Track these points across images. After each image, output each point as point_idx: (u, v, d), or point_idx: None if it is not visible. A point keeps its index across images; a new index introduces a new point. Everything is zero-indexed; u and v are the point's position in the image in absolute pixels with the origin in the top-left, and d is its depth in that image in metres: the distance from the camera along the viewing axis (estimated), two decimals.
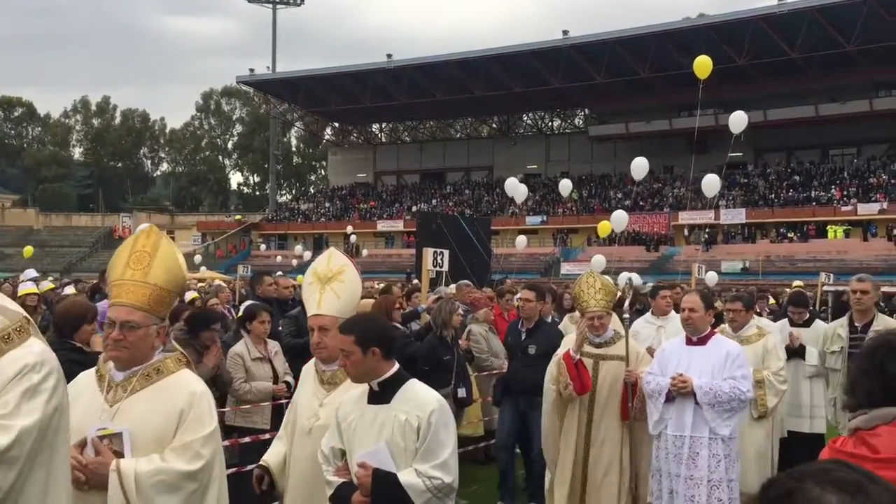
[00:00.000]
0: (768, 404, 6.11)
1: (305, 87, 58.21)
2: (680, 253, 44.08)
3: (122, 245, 3.12)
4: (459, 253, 15.12)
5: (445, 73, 52.64)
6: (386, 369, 3.26)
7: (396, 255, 52.26)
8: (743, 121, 15.77)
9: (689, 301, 5.37)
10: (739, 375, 5.09)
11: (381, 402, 3.24)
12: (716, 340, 5.30)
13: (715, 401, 5.01)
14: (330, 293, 3.69)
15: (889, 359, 2.18)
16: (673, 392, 5.13)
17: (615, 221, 17.66)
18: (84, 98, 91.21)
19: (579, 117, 63.04)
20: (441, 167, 64.72)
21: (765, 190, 49.16)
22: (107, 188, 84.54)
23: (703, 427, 5.07)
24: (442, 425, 3.17)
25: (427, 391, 3.30)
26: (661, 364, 5.37)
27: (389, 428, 3.18)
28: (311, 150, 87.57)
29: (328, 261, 3.82)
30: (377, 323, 3.49)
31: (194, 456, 2.86)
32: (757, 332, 6.37)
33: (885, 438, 2.03)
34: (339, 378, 3.64)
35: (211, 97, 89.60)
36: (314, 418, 3.62)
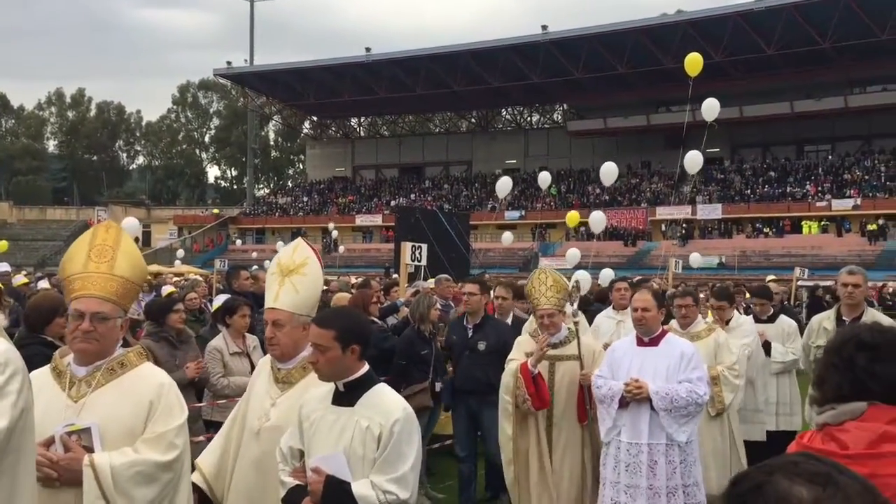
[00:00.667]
0: (725, 401, 5.88)
1: (283, 80, 57.87)
2: (657, 248, 44.41)
3: (78, 240, 3.09)
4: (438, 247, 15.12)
5: (424, 67, 52.55)
6: (357, 369, 3.09)
7: (375, 249, 52.17)
8: (715, 108, 15.85)
9: (641, 300, 5.02)
10: (695, 377, 4.82)
11: (344, 405, 3.06)
12: (668, 340, 5.01)
13: (672, 406, 4.73)
14: (289, 286, 3.50)
15: (858, 353, 2.15)
16: (628, 398, 4.83)
17: (593, 222, 17.73)
18: (59, 90, 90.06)
19: (558, 112, 63.18)
20: (420, 162, 64.65)
21: (741, 185, 49.57)
22: (82, 181, 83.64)
23: (660, 434, 4.79)
24: (405, 436, 2.96)
25: (394, 398, 3.09)
26: (612, 367, 5.06)
27: (350, 433, 2.99)
28: (289, 144, 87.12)
29: (293, 252, 3.64)
30: (359, 319, 3.32)
31: (169, 446, 2.86)
32: (706, 327, 6.19)
33: (853, 434, 2.02)
34: (294, 377, 3.45)
35: (188, 90, 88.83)
36: (264, 419, 3.41)
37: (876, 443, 1.97)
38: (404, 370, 6.78)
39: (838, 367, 2.18)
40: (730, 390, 5.89)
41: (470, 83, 53.06)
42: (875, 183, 45.72)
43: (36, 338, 5.10)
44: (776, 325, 7.47)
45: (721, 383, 5.86)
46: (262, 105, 65.09)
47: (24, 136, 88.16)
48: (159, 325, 5.94)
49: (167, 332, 5.91)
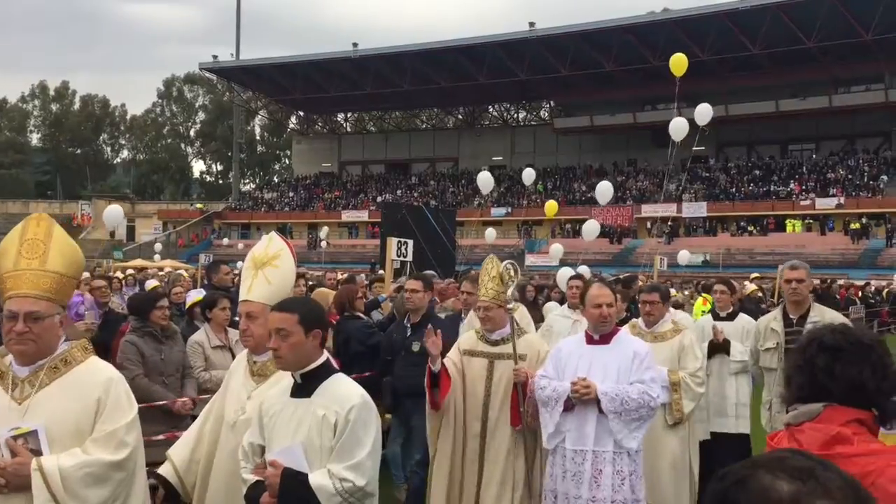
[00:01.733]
0: (684, 409, 5.38)
1: (269, 75, 57.63)
2: (642, 245, 44.58)
3: (8, 236, 2.97)
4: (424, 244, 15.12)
5: (411, 63, 52.47)
6: (317, 357, 3.04)
7: (361, 245, 52.07)
8: (708, 113, 15.94)
9: (604, 294, 4.60)
10: (648, 378, 4.43)
11: (302, 396, 3.01)
12: (620, 338, 4.62)
13: (622, 409, 4.32)
14: (262, 278, 3.47)
15: (818, 355, 2.17)
16: (574, 399, 4.39)
17: (586, 232, 17.82)
18: (42, 83, 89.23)
19: (545, 109, 63.25)
20: (406, 158, 64.58)
21: (726, 184, 49.82)
22: (65, 175, 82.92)
23: (607, 440, 4.38)
24: (361, 423, 2.90)
25: (350, 386, 3.03)
26: (558, 366, 4.60)
27: (307, 424, 2.94)
28: (275, 139, 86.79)
29: (267, 245, 3.62)
30: (319, 305, 3.30)
31: (119, 444, 2.79)
32: (672, 327, 5.71)
33: (808, 434, 2.06)
34: (269, 370, 3.41)
35: (173, 84, 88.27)
36: (240, 412, 3.39)
37: (829, 444, 2.00)
38: (389, 366, 6.77)
39: (801, 368, 2.21)
40: (690, 398, 5.40)
41: (457, 79, 53.03)
42: (858, 182, 46.06)
43: None
44: (735, 322, 7.17)
45: (681, 390, 5.36)
46: (248, 100, 64.81)
47: (7, 129, 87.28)
48: (144, 321, 5.89)
49: (152, 328, 5.86)
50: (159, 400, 5.67)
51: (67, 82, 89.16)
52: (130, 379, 5.66)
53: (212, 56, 59.54)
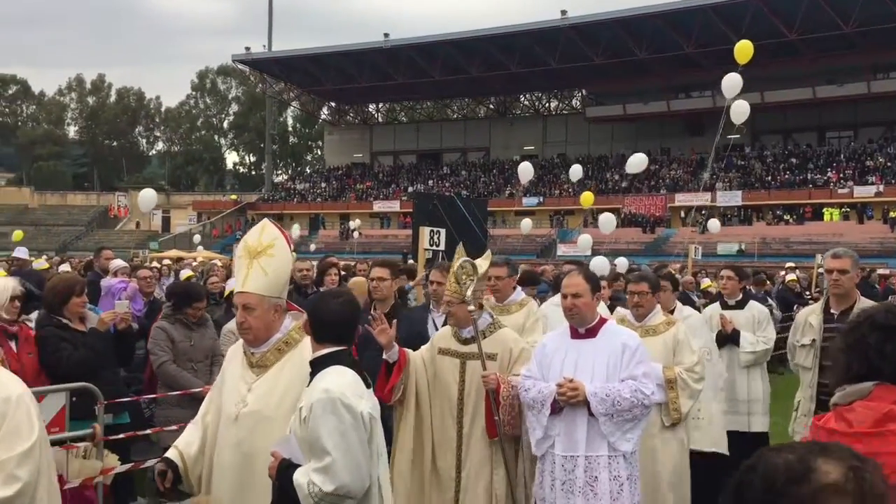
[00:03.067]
0: (682, 408, 4.95)
1: (302, 66, 57.88)
2: (676, 234, 44.17)
3: None
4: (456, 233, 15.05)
5: (442, 53, 52.37)
6: (315, 350, 3.03)
7: (392, 235, 52.21)
8: (745, 110, 15.47)
9: (572, 284, 4.23)
10: (640, 374, 4.06)
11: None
12: (607, 331, 4.24)
13: (614, 409, 3.97)
14: (257, 269, 3.37)
15: (871, 333, 2.16)
16: (561, 402, 4.04)
17: (602, 224, 17.63)
18: (79, 76, 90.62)
19: (577, 98, 62.81)
20: (438, 148, 64.56)
21: (761, 172, 49.15)
22: (102, 167, 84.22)
23: (599, 443, 4.02)
24: (322, 422, 2.76)
25: (328, 379, 2.89)
26: (542, 364, 4.24)
27: (296, 414, 2.93)
28: (307, 130, 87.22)
29: (260, 233, 3.50)
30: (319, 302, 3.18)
31: (7, 479, 2.41)
32: (665, 320, 5.27)
33: (859, 413, 2.06)
34: (269, 360, 3.35)
35: (206, 76, 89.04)
36: (241, 404, 3.28)
37: (881, 421, 2.01)
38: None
39: (852, 348, 2.20)
40: (688, 396, 4.97)
41: (488, 69, 52.84)
42: None
43: (51, 319, 5.18)
44: (745, 311, 6.64)
45: (678, 388, 4.93)
46: (281, 91, 65.17)
47: (45, 121, 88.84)
48: (178, 310, 5.98)
49: (183, 315, 5.95)
50: (186, 386, 5.76)
51: (104, 75, 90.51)
52: (158, 365, 5.78)
53: (244, 48, 60.01)
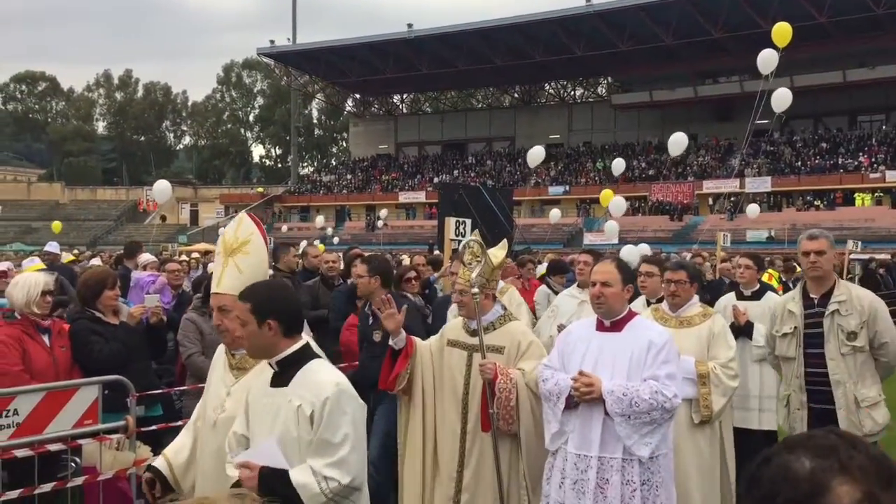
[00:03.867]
0: (713, 406, 4.60)
1: (326, 58, 58.00)
2: (704, 222, 43.76)
3: None
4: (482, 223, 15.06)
5: (467, 42, 52.20)
6: (284, 347, 2.85)
7: (418, 226, 52.26)
8: (787, 98, 15.05)
9: (603, 272, 3.96)
10: (664, 375, 3.76)
11: (279, 385, 2.84)
12: (635, 325, 3.94)
13: (630, 411, 3.69)
14: (232, 267, 3.22)
15: None
16: (575, 397, 3.80)
17: (613, 208, 17.50)
18: (107, 72, 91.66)
19: (602, 86, 62.37)
20: (463, 138, 64.45)
21: (791, 157, 48.50)
22: (130, 162, 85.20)
23: (615, 446, 3.75)
24: (337, 415, 2.70)
25: (327, 373, 2.83)
26: (563, 354, 4.00)
27: (283, 415, 2.77)
28: (332, 122, 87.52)
29: (237, 228, 3.32)
30: (280, 292, 2.96)
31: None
32: (701, 311, 4.95)
33: None
34: (249, 362, 3.21)
35: (232, 70, 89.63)
36: (220, 409, 3.19)
37: None
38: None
39: None
40: (721, 393, 4.64)
41: (513, 58, 52.60)
42: None
43: (84, 313, 5.24)
44: (762, 302, 6.34)
45: (710, 383, 4.63)
46: (306, 83, 65.37)
47: (75, 118, 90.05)
48: (206, 301, 6.02)
49: (210, 310, 5.98)
50: None
51: (131, 71, 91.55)
52: (187, 357, 5.82)
53: (269, 41, 60.25)
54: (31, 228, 59.21)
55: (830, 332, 4.75)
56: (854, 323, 4.70)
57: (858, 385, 4.69)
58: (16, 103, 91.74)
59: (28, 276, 5.12)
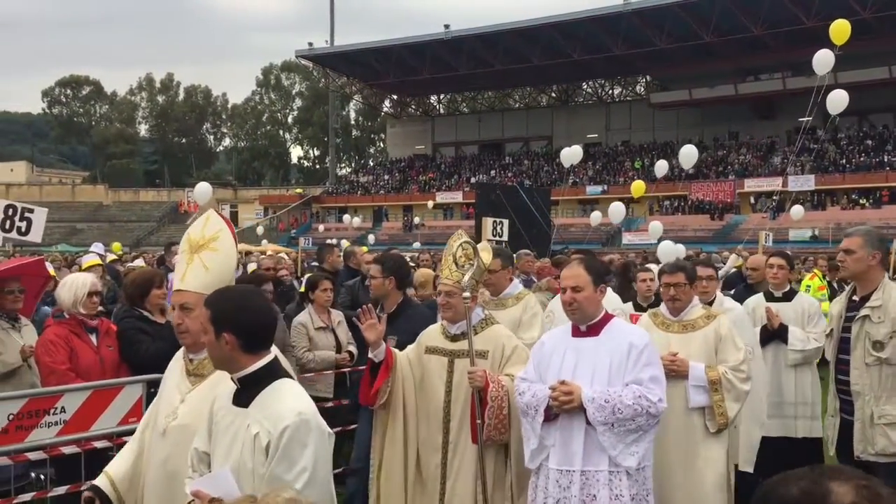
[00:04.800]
0: (728, 413, 4.35)
1: (363, 59, 58.29)
2: (746, 221, 43.15)
3: None
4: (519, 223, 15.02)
5: (504, 42, 52.09)
6: (246, 364, 2.58)
7: (455, 226, 52.20)
8: (843, 100, 14.51)
9: (572, 276, 3.74)
10: (647, 378, 3.54)
11: (240, 405, 2.58)
12: (613, 328, 3.73)
13: (614, 418, 3.46)
14: (198, 264, 3.06)
15: None
16: (555, 408, 3.56)
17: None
18: (149, 75, 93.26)
19: (640, 84, 61.80)
20: (500, 138, 64.34)
21: (835, 155, 47.61)
22: (172, 164, 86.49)
23: (599, 458, 3.52)
24: (295, 447, 2.42)
25: (291, 399, 2.54)
26: (539, 365, 3.78)
27: (241, 441, 2.52)
28: (369, 123, 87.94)
29: (204, 224, 3.16)
30: (243, 303, 2.66)
31: None
32: (704, 313, 4.68)
33: None
34: (206, 368, 2.99)
35: (271, 72, 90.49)
36: (171, 417, 2.97)
37: None
38: None
39: None
40: (734, 398, 4.38)
41: (550, 57, 52.36)
42: None
43: (132, 312, 5.34)
44: (794, 303, 6.01)
45: (723, 389, 4.36)
46: (343, 85, 65.77)
47: (118, 121, 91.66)
48: None
49: None
50: None
51: (172, 74, 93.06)
52: None
53: (307, 43, 60.71)
54: (76, 230, 60.45)
55: (858, 338, 4.42)
56: (883, 332, 4.32)
57: (881, 400, 4.32)
58: (61, 107, 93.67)
59: (75, 276, 5.23)
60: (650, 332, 4.51)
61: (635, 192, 21.35)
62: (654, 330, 4.63)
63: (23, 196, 57.34)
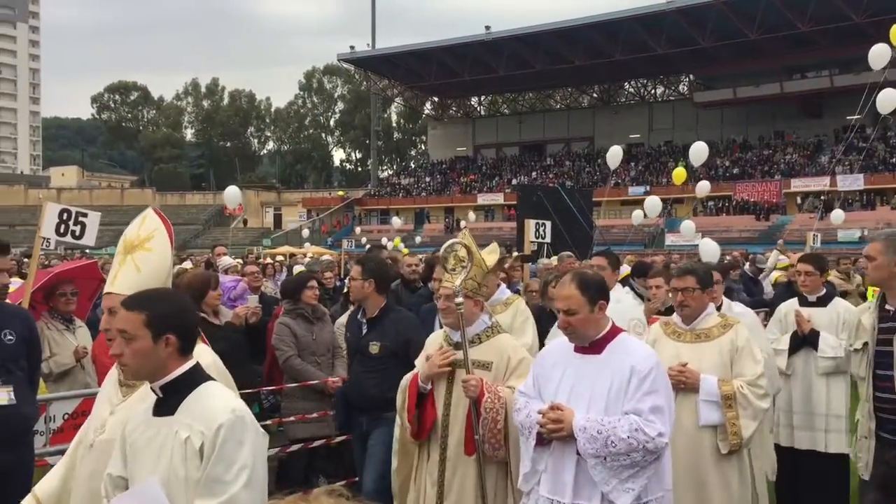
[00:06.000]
0: (742, 432, 3.97)
1: (404, 62, 58.55)
2: (792, 221, 42.40)
3: None
4: (561, 225, 14.98)
5: (545, 42, 51.91)
6: (173, 368, 2.45)
7: (497, 227, 52.23)
8: (893, 100, 14.13)
9: (563, 297, 3.38)
10: (647, 408, 3.16)
11: (164, 414, 2.43)
12: (617, 347, 3.35)
13: (606, 451, 3.12)
14: (130, 265, 2.88)
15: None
16: (544, 434, 3.28)
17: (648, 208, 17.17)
18: (194, 80, 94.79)
19: (683, 83, 61.09)
20: (541, 139, 64.13)
21: (885, 154, 46.55)
22: (217, 167, 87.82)
23: (591, 491, 3.18)
24: (232, 446, 2.31)
25: (222, 398, 2.44)
26: (539, 379, 3.46)
27: (169, 450, 2.37)
28: (410, 125, 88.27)
29: (140, 224, 3.00)
30: (181, 303, 2.59)
31: None
32: (720, 322, 4.29)
33: None
34: None
35: (313, 76, 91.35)
36: (100, 430, 2.80)
37: None
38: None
39: None
40: (750, 416, 3.99)
41: (592, 57, 52.05)
42: None
43: None
44: (829, 309, 5.57)
45: (738, 405, 3.97)
46: (385, 88, 66.13)
47: (165, 125, 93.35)
48: (295, 303, 6.16)
49: (303, 309, 6.12)
50: (312, 379, 5.92)
51: (217, 79, 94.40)
52: (284, 360, 5.97)
53: (349, 47, 61.20)
54: None
55: None
56: None
57: None
58: (110, 112, 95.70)
59: None
60: (659, 342, 4.27)
61: (676, 178, 21.06)
62: (663, 340, 4.31)
63: (73, 200, 58.75)
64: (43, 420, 4.68)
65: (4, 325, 4.07)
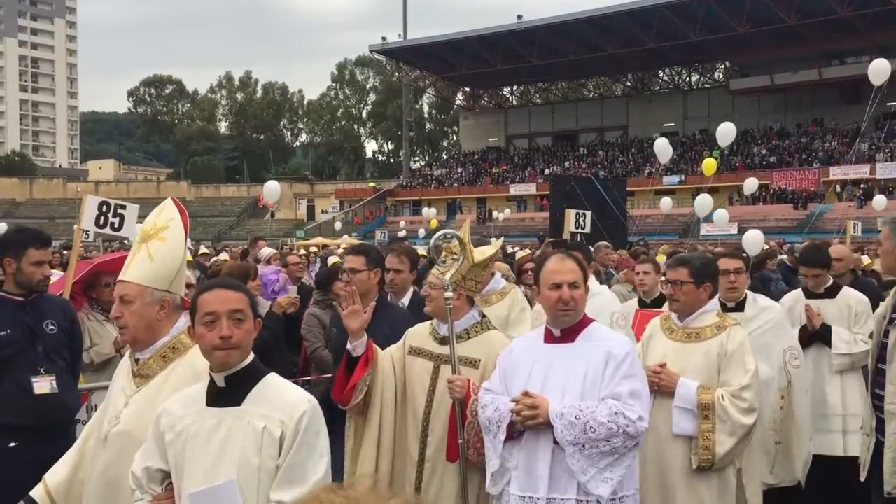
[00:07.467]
0: (717, 448, 3.57)
1: (436, 53, 58.48)
2: (831, 210, 41.68)
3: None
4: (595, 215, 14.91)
5: (577, 31, 51.51)
6: (244, 359, 2.47)
7: (529, 218, 52.05)
8: (885, 70, 14.10)
9: (570, 271, 3.22)
10: (626, 392, 3.02)
11: (226, 404, 2.39)
12: (590, 333, 3.22)
13: (585, 438, 2.96)
14: (143, 254, 2.84)
15: None
16: (518, 424, 3.08)
17: (747, 186, 16.92)
18: (228, 74, 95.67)
19: (719, 71, 60.30)
20: (573, 128, 63.72)
21: None
22: (251, 160, 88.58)
23: (567, 483, 3.01)
24: (314, 434, 2.34)
25: (297, 389, 2.49)
26: (506, 374, 3.26)
27: (239, 441, 2.34)
28: (442, 116, 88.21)
29: (158, 214, 2.98)
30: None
31: None
32: (716, 322, 3.88)
33: None
34: (151, 369, 2.76)
35: (346, 68, 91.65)
36: (114, 421, 2.73)
37: None
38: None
39: None
40: (728, 431, 3.59)
41: (625, 45, 51.53)
42: None
43: None
44: (839, 299, 5.21)
45: (715, 417, 3.59)
46: (416, 79, 66.12)
47: (199, 118, 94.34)
48: (326, 294, 6.19)
49: (333, 300, 6.15)
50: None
51: (250, 72, 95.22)
52: (312, 351, 6.00)
53: (381, 38, 61.29)
54: None
55: (895, 348, 3.68)
56: None
57: None
58: (146, 106, 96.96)
59: None
60: (654, 338, 4.04)
61: (707, 169, 20.78)
62: (658, 335, 4.04)
63: (111, 193, 59.61)
64: (84, 409, 4.75)
65: (47, 316, 4.13)
